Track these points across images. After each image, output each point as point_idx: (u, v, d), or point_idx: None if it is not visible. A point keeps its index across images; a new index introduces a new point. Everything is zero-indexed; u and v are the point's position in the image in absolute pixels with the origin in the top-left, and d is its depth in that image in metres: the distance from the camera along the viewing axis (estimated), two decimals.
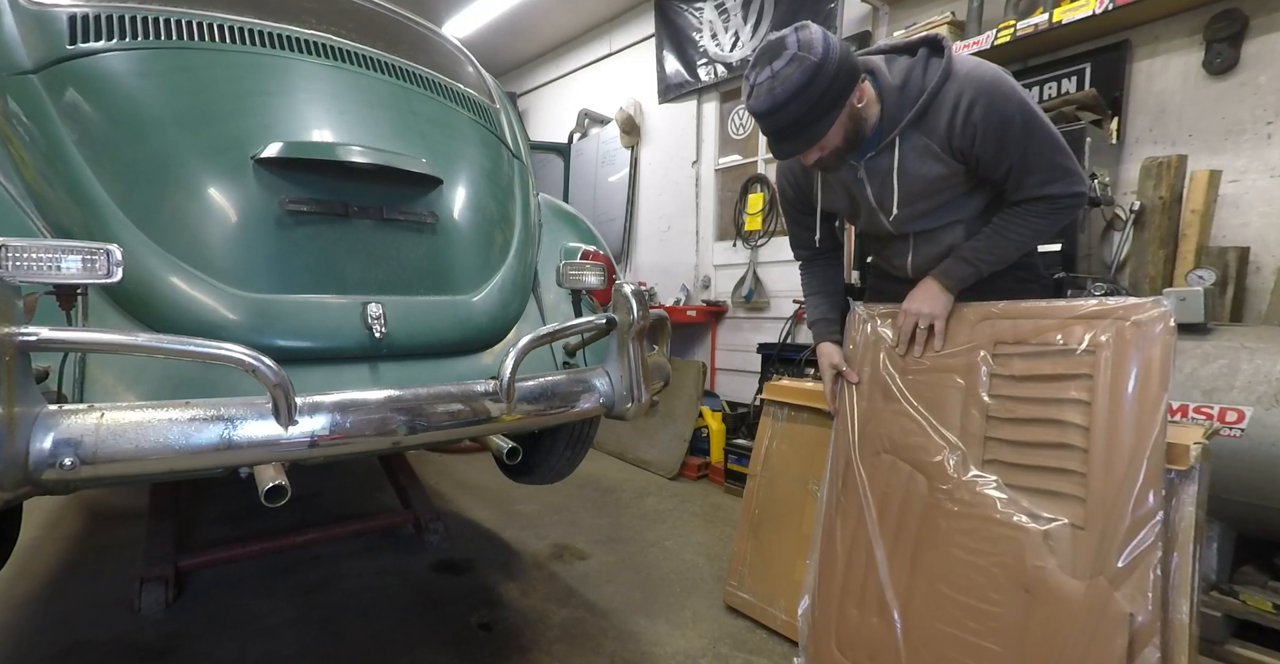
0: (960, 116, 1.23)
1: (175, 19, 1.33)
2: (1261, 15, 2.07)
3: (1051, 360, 1.20)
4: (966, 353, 1.33)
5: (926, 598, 1.29)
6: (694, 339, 4.14)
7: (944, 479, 1.30)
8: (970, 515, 1.25)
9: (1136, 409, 1.09)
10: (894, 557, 1.36)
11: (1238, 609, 1.59)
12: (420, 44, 1.85)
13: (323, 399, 1.02)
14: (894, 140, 1.30)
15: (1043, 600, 1.13)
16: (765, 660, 1.62)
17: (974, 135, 1.24)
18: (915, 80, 1.27)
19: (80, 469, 0.84)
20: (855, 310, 1.58)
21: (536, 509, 2.71)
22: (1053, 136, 1.26)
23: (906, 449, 1.39)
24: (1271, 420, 1.49)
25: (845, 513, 1.47)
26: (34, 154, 1.16)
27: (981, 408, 1.29)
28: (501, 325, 1.50)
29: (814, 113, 1.19)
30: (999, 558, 1.19)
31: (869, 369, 1.51)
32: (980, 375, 1.30)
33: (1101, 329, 1.14)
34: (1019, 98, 1.23)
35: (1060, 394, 1.18)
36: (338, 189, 1.30)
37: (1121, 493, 1.07)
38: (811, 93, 1.16)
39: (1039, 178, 1.26)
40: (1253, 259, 2.09)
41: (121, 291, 1.09)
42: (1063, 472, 1.15)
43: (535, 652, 1.64)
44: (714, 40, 3.89)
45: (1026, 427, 1.22)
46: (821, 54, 1.14)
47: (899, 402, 1.42)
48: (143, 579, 1.82)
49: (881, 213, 1.42)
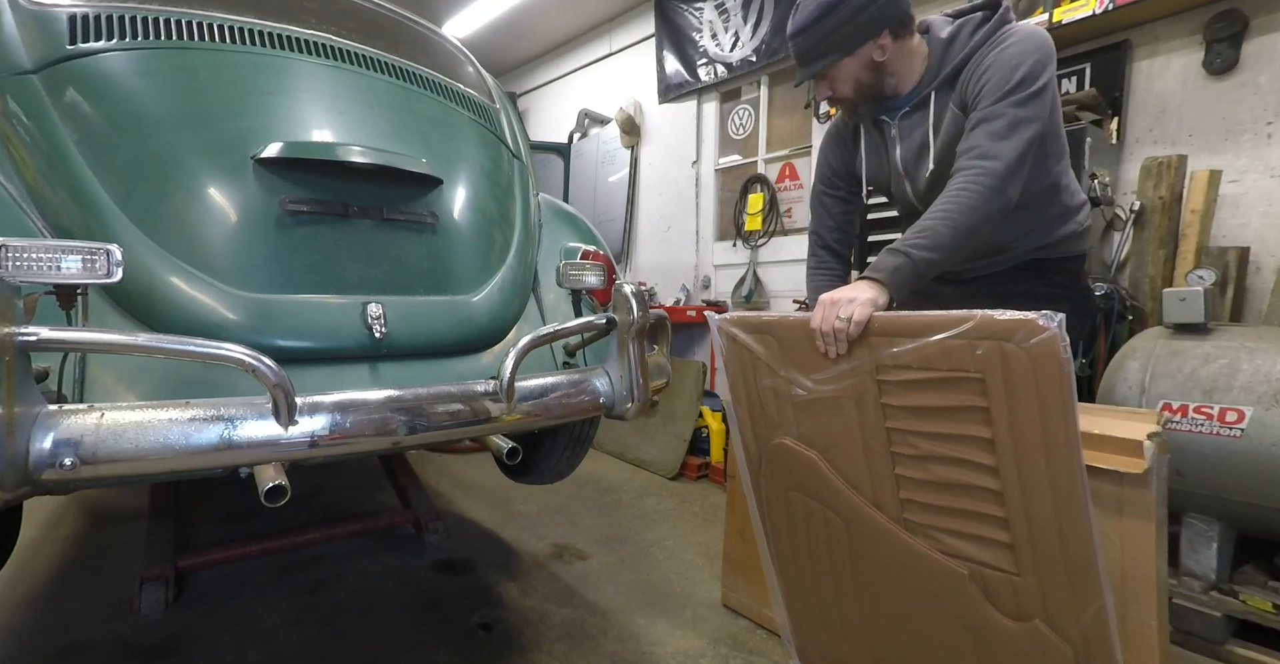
0: (978, 71, 1.18)
1: (175, 19, 1.33)
2: (1261, 15, 2.07)
3: (941, 389, 0.98)
4: (852, 377, 1.08)
5: (885, 636, 1.19)
6: (694, 339, 4.14)
7: (859, 521, 1.14)
8: (897, 563, 1.11)
9: (1044, 445, 0.90)
10: (839, 590, 1.23)
11: (1238, 609, 1.59)
12: (420, 44, 1.85)
13: (323, 399, 1.02)
14: (929, 96, 1.25)
15: (987, 641, 1.04)
16: (765, 661, 1.62)
17: (977, 81, 1.18)
18: (962, 38, 1.23)
19: (80, 469, 0.84)
20: (720, 324, 1.27)
21: (536, 509, 2.71)
22: (1032, 121, 1.14)
23: (811, 489, 1.20)
24: (1271, 420, 1.49)
25: (781, 541, 1.32)
26: (34, 154, 1.16)
27: (883, 442, 1.07)
28: (501, 325, 1.50)
29: (819, 49, 1.24)
30: (938, 602, 1.08)
31: (751, 396, 1.25)
32: (874, 405, 1.06)
33: (986, 352, 0.92)
34: (1031, 49, 1.15)
35: (958, 429, 0.98)
36: (338, 189, 1.30)
37: (1049, 537, 0.93)
38: (821, 28, 1.22)
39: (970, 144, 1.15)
40: (1253, 259, 2.09)
41: (121, 291, 1.09)
42: (982, 516, 0.99)
43: (535, 652, 1.64)
44: (714, 40, 3.89)
45: (933, 465, 1.02)
46: None
47: (790, 436, 1.20)
48: (143, 579, 1.82)
49: (907, 180, 1.36)
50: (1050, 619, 0.97)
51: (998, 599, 1.01)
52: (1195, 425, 1.59)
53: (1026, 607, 0.98)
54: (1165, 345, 1.73)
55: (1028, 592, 0.97)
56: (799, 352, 1.15)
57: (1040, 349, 0.87)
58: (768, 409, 1.23)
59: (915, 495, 1.06)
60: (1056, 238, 1.35)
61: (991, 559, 1.00)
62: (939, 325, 0.96)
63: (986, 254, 1.38)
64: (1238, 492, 1.56)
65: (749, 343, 1.22)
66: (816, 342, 1.09)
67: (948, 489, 1.02)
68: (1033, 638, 0.98)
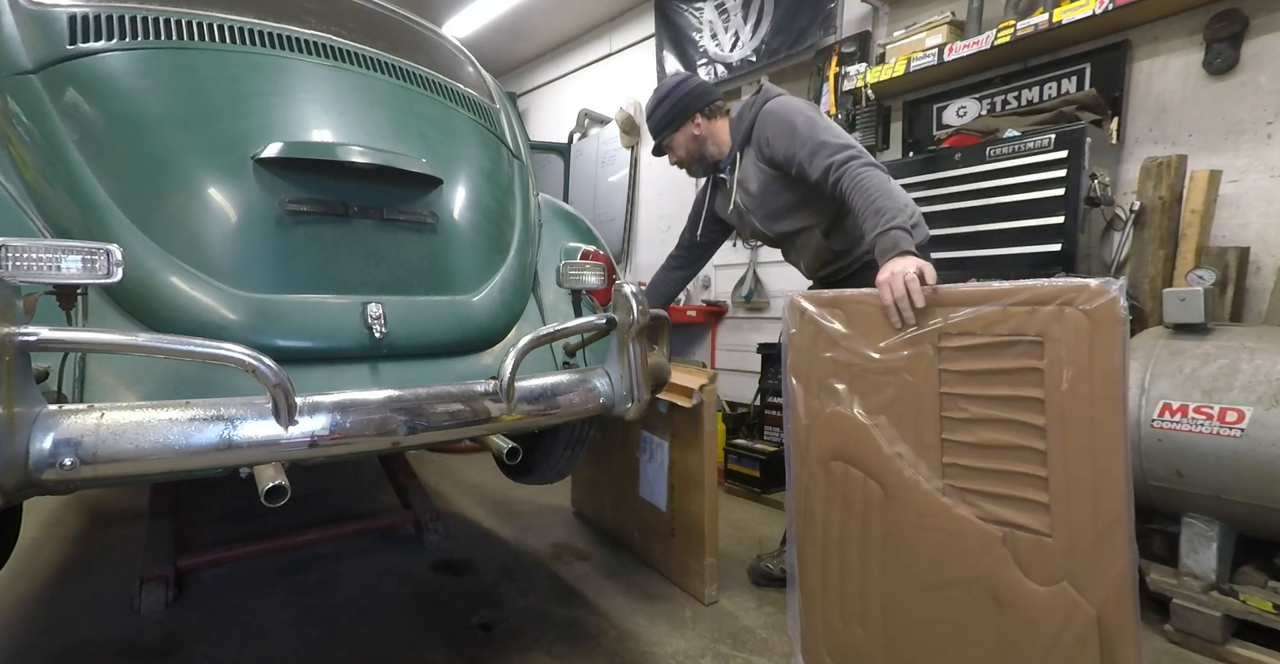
0: (763, 136, 1.68)
1: (175, 19, 1.33)
2: (1261, 15, 2.07)
3: (998, 354, 1.09)
4: (913, 347, 1.20)
5: (904, 613, 1.23)
6: (694, 339, 4.14)
7: (900, 487, 1.22)
8: (932, 527, 1.18)
9: (1092, 402, 0.99)
10: (865, 567, 1.29)
11: (1238, 609, 1.59)
12: (420, 44, 1.85)
13: (323, 399, 1.02)
14: (736, 156, 1.80)
15: (1012, 609, 1.08)
16: (765, 660, 1.62)
17: (770, 145, 1.66)
18: (746, 113, 1.76)
19: (80, 469, 0.84)
20: (794, 299, 1.41)
21: (536, 509, 2.71)
22: (821, 128, 1.58)
23: (857, 455, 1.28)
24: (1271, 420, 1.49)
25: (811, 521, 1.39)
26: (34, 154, 1.16)
27: (934, 408, 1.18)
28: (501, 325, 1.50)
29: (657, 127, 1.83)
30: (965, 571, 1.14)
31: (814, 368, 1.37)
32: (930, 372, 1.18)
33: (1048, 317, 1.03)
34: (796, 109, 1.65)
35: (1012, 391, 1.08)
36: (338, 189, 1.29)
37: (1085, 496, 1.00)
38: (656, 114, 1.82)
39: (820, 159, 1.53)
40: (1253, 259, 2.09)
41: (121, 291, 1.09)
42: (1024, 476, 1.08)
43: (535, 652, 1.64)
44: (714, 40, 3.89)
45: (981, 428, 1.12)
46: (666, 90, 1.81)
47: (845, 404, 1.31)
48: (143, 579, 1.82)
49: (750, 214, 1.82)
50: (1076, 580, 1.02)
51: (1027, 564, 1.07)
52: (1195, 425, 1.59)
53: (1055, 569, 1.04)
54: (1165, 345, 1.73)
55: (1058, 553, 1.03)
56: (865, 323, 1.28)
57: (1102, 312, 0.98)
58: (826, 380, 1.34)
59: (960, 459, 1.15)
60: None
61: (1027, 521, 1.07)
62: (1003, 293, 1.08)
63: (832, 261, 1.80)
64: (1238, 492, 1.56)
65: (817, 316, 1.35)
66: (890, 315, 1.22)
67: (993, 451, 1.11)
68: (1058, 601, 1.03)
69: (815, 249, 1.78)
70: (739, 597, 1.94)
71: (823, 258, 1.80)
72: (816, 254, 1.79)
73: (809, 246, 1.80)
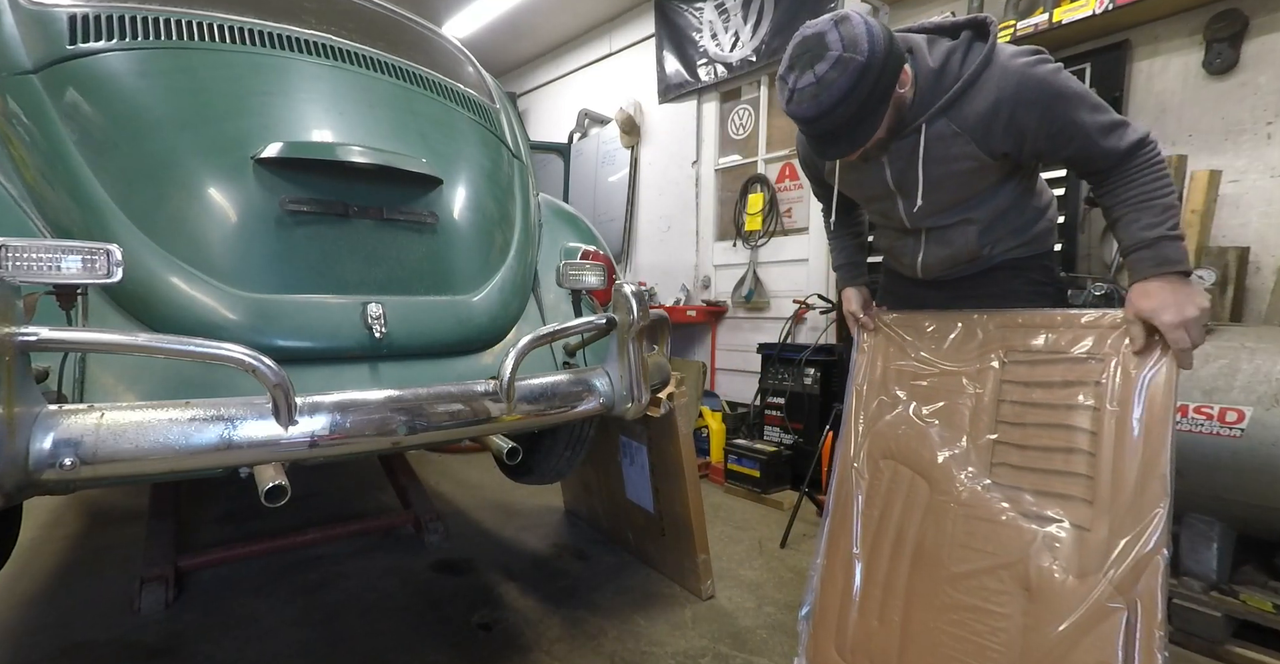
0: (1001, 122, 1.17)
1: (175, 19, 1.33)
2: (1261, 15, 2.07)
3: (1062, 367, 1.22)
4: (979, 358, 1.33)
5: (928, 601, 1.28)
6: (694, 339, 4.14)
7: (947, 483, 1.31)
8: (973, 517, 1.25)
9: (1147, 407, 1.11)
10: (895, 561, 1.36)
11: (1238, 609, 1.59)
12: (420, 44, 1.85)
13: (323, 399, 1.02)
14: (921, 125, 1.21)
15: (1041, 599, 1.13)
16: (765, 660, 1.62)
17: (1021, 138, 1.18)
18: (953, 66, 1.18)
19: (80, 469, 0.84)
20: (875, 314, 1.54)
21: (536, 509, 2.71)
22: (1094, 105, 1.15)
23: (909, 454, 1.38)
24: (1271, 420, 1.49)
25: (848, 517, 1.47)
26: (34, 154, 1.16)
27: (991, 413, 1.29)
28: (501, 325, 1.50)
29: (862, 113, 1.11)
30: (1000, 559, 1.20)
31: (877, 374, 1.50)
32: (991, 381, 1.30)
33: (1113, 339, 1.16)
34: (1056, 86, 1.14)
35: (1069, 400, 1.19)
36: (338, 189, 1.30)
37: (1129, 495, 1.08)
38: (859, 94, 1.08)
39: (1121, 136, 1.15)
40: (1253, 259, 2.09)
41: (121, 291, 1.09)
42: (1070, 475, 1.16)
43: (535, 652, 1.64)
44: (714, 40, 3.89)
45: (1035, 431, 1.23)
46: (867, 51, 1.05)
47: (904, 408, 1.42)
48: (143, 579, 1.82)
49: (901, 198, 1.34)
50: (1110, 574, 1.07)
51: (1063, 554, 1.13)
52: (1195, 425, 1.59)
53: (1090, 562, 1.10)
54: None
55: (1094, 547, 1.10)
56: (936, 338, 1.42)
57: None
58: (890, 386, 1.47)
59: (1008, 459, 1.25)
60: (1030, 236, 1.39)
61: (1068, 515, 1.14)
62: (1077, 320, 1.22)
63: (967, 262, 1.40)
64: (1238, 492, 1.55)
65: (891, 331, 1.51)
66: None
67: (1041, 453, 1.20)
68: (1090, 592, 1.08)
69: (960, 247, 1.37)
70: (739, 597, 1.94)
71: (961, 258, 1.39)
72: (956, 254, 1.38)
73: (952, 244, 1.37)
